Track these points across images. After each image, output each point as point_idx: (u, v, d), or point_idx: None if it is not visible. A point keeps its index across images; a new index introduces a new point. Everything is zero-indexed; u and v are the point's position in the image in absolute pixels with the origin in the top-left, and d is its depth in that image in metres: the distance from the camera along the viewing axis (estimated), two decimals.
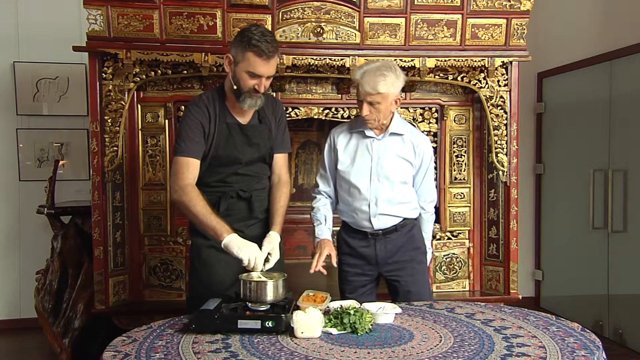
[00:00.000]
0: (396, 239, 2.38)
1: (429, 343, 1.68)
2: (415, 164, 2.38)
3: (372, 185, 2.32)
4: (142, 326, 1.86)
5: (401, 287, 2.40)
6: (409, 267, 2.39)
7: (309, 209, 2.55)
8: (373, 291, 2.47)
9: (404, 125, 2.40)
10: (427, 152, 2.41)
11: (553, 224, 4.80)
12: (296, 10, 3.01)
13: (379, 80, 2.19)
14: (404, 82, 2.30)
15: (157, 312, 3.01)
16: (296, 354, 1.59)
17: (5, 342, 4.10)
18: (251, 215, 2.23)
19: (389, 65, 2.26)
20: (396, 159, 2.34)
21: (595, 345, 1.66)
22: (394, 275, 2.40)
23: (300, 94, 3.30)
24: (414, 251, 2.42)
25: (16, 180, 4.33)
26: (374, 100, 2.22)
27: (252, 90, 2.07)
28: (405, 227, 2.40)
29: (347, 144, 2.38)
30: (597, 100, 4.17)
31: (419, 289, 2.40)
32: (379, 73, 2.20)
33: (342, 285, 2.46)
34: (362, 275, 2.42)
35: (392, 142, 2.35)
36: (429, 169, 2.44)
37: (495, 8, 3.09)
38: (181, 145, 2.10)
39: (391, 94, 2.23)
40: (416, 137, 2.39)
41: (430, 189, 2.48)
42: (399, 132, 2.35)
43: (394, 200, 2.34)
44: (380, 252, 2.38)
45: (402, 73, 2.29)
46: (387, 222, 2.36)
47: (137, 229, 3.20)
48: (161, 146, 3.19)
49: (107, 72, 2.99)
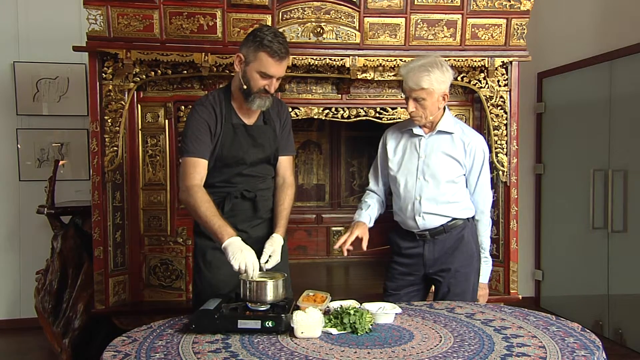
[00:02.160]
0: (445, 240, 2.33)
1: (429, 343, 1.68)
2: (465, 163, 2.32)
3: (418, 184, 2.31)
4: (142, 326, 1.86)
5: (441, 288, 2.36)
6: (453, 269, 2.34)
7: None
8: (418, 294, 2.42)
9: (455, 123, 2.35)
10: (480, 152, 2.33)
11: (553, 224, 4.80)
12: (296, 10, 3.01)
13: (422, 76, 2.18)
14: (452, 77, 2.28)
15: (157, 312, 3.01)
16: (296, 354, 1.58)
17: (5, 342, 4.10)
18: (256, 215, 2.23)
19: (436, 61, 2.23)
20: (444, 157, 2.30)
21: (595, 345, 1.65)
22: (437, 276, 2.37)
23: (300, 94, 3.30)
24: (462, 255, 2.34)
25: (16, 180, 4.33)
26: (418, 96, 2.21)
27: (262, 90, 2.07)
28: (455, 229, 2.34)
29: (398, 144, 2.39)
30: (597, 100, 4.17)
31: (459, 292, 2.33)
32: (424, 69, 2.19)
33: (388, 282, 2.45)
34: (408, 275, 2.40)
35: (441, 140, 2.32)
36: (482, 170, 2.35)
37: (495, 8, 3.09)
38: (188, 145, 2.09)
39: (436, 89, 2.21)
40: (468, 136, 2.33)
41: (486, 192, 2.40)
42: (448, 130, 2.31)
43: (440, 200, 2.30)
44: (428, 254, 2.35)
45: (449, 69, 2.26)
46: (432, 221, 2.32)
47: (137, 229, 3.20)
48: (161, 146, 3.19)
49: (107, 72, 2.99)
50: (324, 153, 4.50)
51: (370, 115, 3.30)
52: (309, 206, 4.40)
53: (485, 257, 2.45)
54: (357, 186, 4.50)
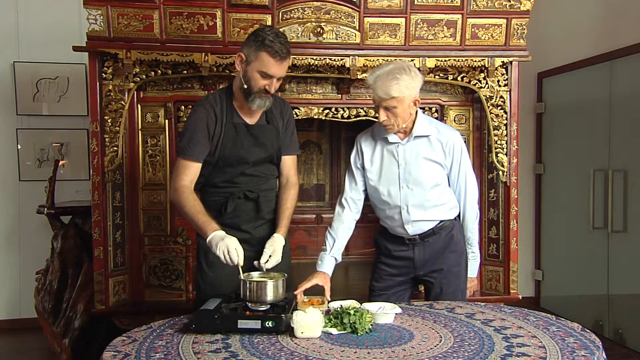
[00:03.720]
0: (435, 242, 2.31)
1: (429, 343, 1.68)
2: (446, 164, 2.28)
3: (402, 192, 2.25)
4: (142, 326, 1.87)
5: (433, 289, 2.35)
6: (446, 269, 2.32)
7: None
8: (405, 294, 2.41)
9: (429, 125, 2.27)
10: (457, 148, 2.28)
11: (553, 224, 4.80)
12: (296, 10, 3.01)
13: (391, 85, 2.10)
14: (422, 81, 2.20)
15: (157, 312, 3.01)
16: (296, 354, 1.58)
17: (5, 342, 4.10)
18: (259, 215, 2.23)
19: (402, 67, 2.15)
20: (425, 163, 2.25)
21: (595, 345, 1.65)
22: (428, 277, 2.35)
23: (300, 94, 3.30)
24: (452, 254, 2.33)
25: (16, 180, 4.34)
26: (389, 105, 2.13)
27: (263, 90, 2.07)
28: (444, 230, 2.31)
29: (373, 152, 2.30)
30: (597, 100, 4.17)
31: (451, 291, 2.32)
32: (392, 77, 2.10)
33: (375, 282, 2.41)
34: (397, 276, 2.38)
35: (419, 145, 2.25)
36: (461, 165, 2.30)
37: (495, 8, 3.09)
38: (184, 146, 2.12)
39: (407, 96, 2.13)
40: (444, 135, 2.27)
41: (469, 187, 2.34)
42: (425, 133, 2.24)
43: (427, 205, 2.26)
44: (418, 256, 2.32)
45: (418, 73, 2.18)
46: (422, 227, 2.29)
47: (137, 229, 3.20)
48: (161, 146, 3.19)
49: (107, 72, 2.99)
50: (324, 153, 4.50)
51: (370, 115, 3.30)
52: (309, 206, 4.40)
53: (473, 252, 2.42)
54: None
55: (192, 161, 2.11)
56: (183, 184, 2.09)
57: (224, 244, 1.94)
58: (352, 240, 2.45)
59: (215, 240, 1.97)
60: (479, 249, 2.50)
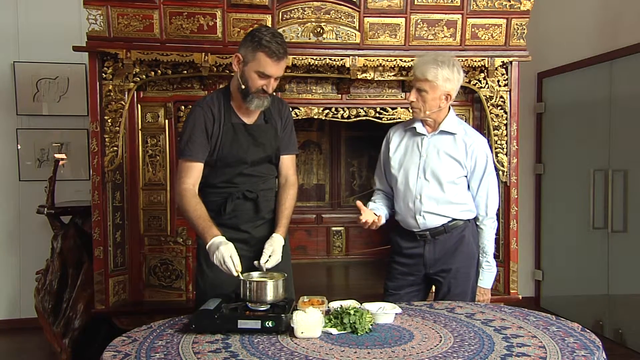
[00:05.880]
0: (445, 241, 2.33)
1: (429, 343, 1.68)
2: (467, 165, 2.30)
3: (419, 182, 2.31)
4: (142, 326, 1.86)
5: (441, 289, 2.36)
6: (454, 270, 2.33)
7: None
8: (419, 294, 2.42)
9: (458, 124, 2.33)
10: (482, 154, 2.31)
11: (553, 224, 4.80)
12: (296, 10, 3.01)
13: (429, 68, 2.18)
14: (461, 81, 2.27)
15: (157, 312, 3.01)
16: (296, 354, 1.58)
17: (5, 342, 4.10)
18: (258, 215, 2.23)
19: (449, 59, 2.22)
20: (445, 158, 2.29)
21: (595, 345, 1.66)
22: (438, 276, 2.36)
23: (300, 94, 3.30)
24: (462, 255, 2.34)
25: (16, 180, 4.34)
26: (421, 86, 2.21)
27: (260, 90, 2.08)
28: (456, 229, 2.33)
29: (400, 141, 2.39)
30: (597, 100, 4.17)
31: (459, 293, 2.33)
32: (434, 61, 2.19)
33: (388, 281, 2.45)
34: (409, 275, 2.40)
35: (443, 140, 2.31)
36: (485, 173, 2.33)
37: (495, 8, 3.09)
38: (184, 147, 2.12)
39: (440, 85, 2.20)
40: (470, 137, 2.31)
41: (491, 195, 2.36)
42: (451, 130, 2.29)
43: (441, 199, 2.29)
44: (429, 254, 2.34)
45: (461, 72, 2.25)
46: (433, 221, 2.31)
47: (137, 229, 3.20)
48: (161, 146, 3.19)
49: (107, 72, 2.99)
50: (324, 153, 4.50)
51: (370, 115, 3.30)
52: (309, 206, 4.40)
53: (488, 262, 2.41)
54: (357, 186, 4.50)
55: (193, 161, 2.11)
56: (185, 187, 2.10)
57: (220, 254, 1.94)
58: (352, 240, 2.46)
59: (211, 249, 1.98)
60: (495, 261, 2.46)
